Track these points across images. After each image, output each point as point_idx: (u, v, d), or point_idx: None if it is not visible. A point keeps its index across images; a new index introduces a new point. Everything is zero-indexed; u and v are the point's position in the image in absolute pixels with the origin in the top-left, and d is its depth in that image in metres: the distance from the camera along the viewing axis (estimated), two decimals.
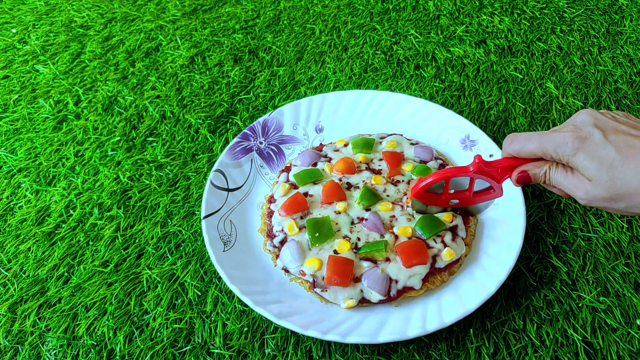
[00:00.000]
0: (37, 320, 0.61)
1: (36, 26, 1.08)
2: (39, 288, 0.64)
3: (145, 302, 0.62)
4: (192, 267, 0.65)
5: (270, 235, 0.64)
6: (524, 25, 1.01)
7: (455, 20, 1.03)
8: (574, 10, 1.04)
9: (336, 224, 0.62)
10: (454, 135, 0.75)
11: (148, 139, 0.82)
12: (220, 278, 0.64)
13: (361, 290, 0.58)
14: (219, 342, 0.58)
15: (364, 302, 0.58)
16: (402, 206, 0.64)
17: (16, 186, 0.76)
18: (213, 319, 0.60)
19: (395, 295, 0.57)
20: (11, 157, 0.80)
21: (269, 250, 0.63)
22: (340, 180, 0.68)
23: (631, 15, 1.02)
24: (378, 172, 0.69)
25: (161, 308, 0.61)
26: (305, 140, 0.78)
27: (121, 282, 0.64)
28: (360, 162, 0.70)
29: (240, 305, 0.61)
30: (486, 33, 1.00)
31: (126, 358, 0.57)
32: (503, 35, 0.99)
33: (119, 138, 0.82)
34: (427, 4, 1.08)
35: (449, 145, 0.75)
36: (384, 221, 0.62)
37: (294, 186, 0.68)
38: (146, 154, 0.80)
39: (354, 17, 1.06)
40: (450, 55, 0.95)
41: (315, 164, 0.70)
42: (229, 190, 0.70)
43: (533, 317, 0.59)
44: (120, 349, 0.58)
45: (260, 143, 0.76)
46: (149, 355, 0.57)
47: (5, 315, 0.62)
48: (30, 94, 0.91)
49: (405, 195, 0.66)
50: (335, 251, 0.60)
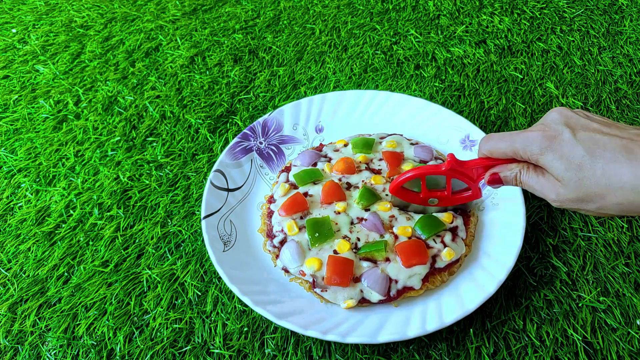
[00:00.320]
0: (37, 320, 0.61)
1: (36, 26, 1.08)
2: (39, 288, 0.64)
3: (145, 302, 0.62)
4: (192, 267, 0.65)
5: (270, 235, 0.64)
6: (524, 25, 1.01)
7: (455, 20, 1.03)
8: (574, 10, 1.04)
9: (336, 224, 0.62)
10: (454, 135, 0.75)
11: (148, 139, 0.82)
12: (220, 278, 0.64)
13: (361, 290, 0.58)
14: (219, 342, 0.58)
15: (363, 302, 0.58)
16: None
17: (16, 186, 0.76)
18: (213, 319, 0.60)
19: (395, 295, 0.57)
20: (11, 157, 0.80)
21: (269, 251, 0.63)
22: (340, 180, 0.68)
23: (631, 15, 1.02)
24: (378, 172, 0.69)
25: (161, 308, 0.61)
26: (305, 140, 0.78)
27: (121, 282, 0.64)
28: (360, 162, 0.70)
29: (240, 305, 0.61)
30: (486, 33, 1.00)
31: (126, 358, 0.57)
32: (503, 35, 0.99)
33: (119, 138, 0.82)
34: (427, 4, 1.08)
35: (449, 145, 0.75)
36: (383, 221, 0.62)
37: (293, 186, 0.68)
38: (146, 154, 0.80)
39: (354, 17, 1.06)
40: (450, 55, 0.95)
41: (315, 164, 0.70)
42: (229, 190, 0.70)
43: (533, 317, 0.59)
44: (120, 349, 0.58)
45: (260, 143, 0.76)
46: (149, 355, 0.57)
47: (5, 315, 0.62)
48: (30, 94, 0.91)
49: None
50: (335, 251, 0.60)
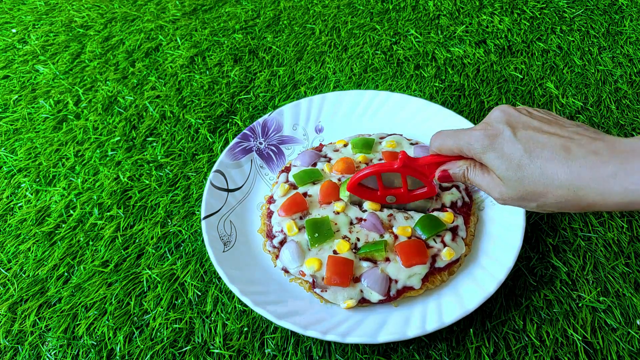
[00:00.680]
0: (37, 320, 0.61)
1: (36, 26, 1.08)
2: (39, 288, 0.64)
3: (145, 302, 0.62)
4: (192, 267, 0.65)
5: (270, 235, 0.64)
6: (524, 25, 1.01)
7: (455, 20, 1.03)
8: (574, 10, 1.04)
9: (335, 224, 0.62)
10: None
11: (148, 139, 0.82)
12: (220, 278, 0.64)
13: (361, 291, 0.58)
14: (219, 342, 0.58)
15: (363, 302, 0.58)
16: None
17: (16, 186, 0.76)
18: (213, 319, 0.60)
19: (395, 295, 0.57)
20: (11, 157, 0.81)
21: (269, 251, 0.63)
22: (339, 180, 0.68)
23: (631, 15, 1.02)
24: None
25: (161, 308, 0.61)
26: (305, 140, 0.78)
27: (121, 282, 0.64)
28: (360, 162, 0.70)
29: (240, 305, 0.61)
30: (486, 33, 1.00)
31: (126, 358, 0.57)
32: (503, 35, 0.99)
33: (119, 138, 0.82)
34: (427, 4, 1.08)
35: None
36: (382, 221, 0.62)
37: (293, 186, 0.68)
38: (146, 154, 0.80)
39: (354, 17, 1.06)
40: (450, 55, 0.95)
41: (315, 164, 0.70)
42: (228, 190, 0.70)
43: (533, 317, 0.59)
44: (120, 349, 0.58)
45: (260, 143, 0.76)
46: (149, 355, 0.57)
47: (5, 315, 0.62)
48: (30, 94, 0.91)
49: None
50: (334, 251, 0.60)
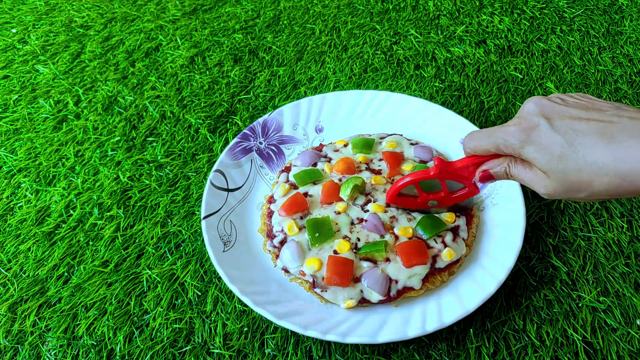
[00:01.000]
0: (37, 320, 0.61)
1: (36, 26, 1.08)
2: (39, 288, 0.64)
3: (145, 302, 0.62)
4: (192, 267, 0.65)
5: (270, 235, 0.64)
6: (524, 25, 1.01)
7: (455, 20, 1.03)
8: (574, 10, 1.04)
9: (336, 224, 0.62)
10: (454, 135, 0.75)
11: (148, 139, 0.82)
12: (220, 278, 0.64)
13: (361, 291, 0.58)
14: (219, 342, 0.58)
15: (363, 302, 0.58)
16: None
17: (16, 186, 0.76)
18: (213, 319, 0.60)
19: (395, 295, 0.57)
20: (11, 157, 0.80)
21: (269, 251, 0.63)
22: (340, 180, 0.68)
23: (631, 15, 1.02)
24: (378, 173, 0.69)
25: (161, 308, 0.61)
26: (305, 140, 0.78)
27: (121, 282, 0.64)
28: (360, 163, 0.70)
29: (240, 305, 0.61)
30: (486, 33, 1.00)
31: (126, 358, 0.57)
32: (503, 35, 0.99)
33: (119, 138, 0.82)
34: (427, 4, 1.08)
35: (449, 145, 0.75)
36: (384, 222, 0.62)
37: (293, 186, 0.68)
38: (146, 154, 0.80)
39: (354, 17, 1.06)
40: (450, 55, 0.95)
41: (315, 164, 0.70)
42: (228, 190, 0.70)
43: (533, 317, 0.59)
44: (120, 349, 0.58)
45: (260, 143, 0.76)
46: (149, 355, 0.57)
47: (5, 315, 0.62)
48: (30, 94, 0.91)
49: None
50: (335, 251, 0.60)
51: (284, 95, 0.89)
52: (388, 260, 0.59)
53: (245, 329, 0.59)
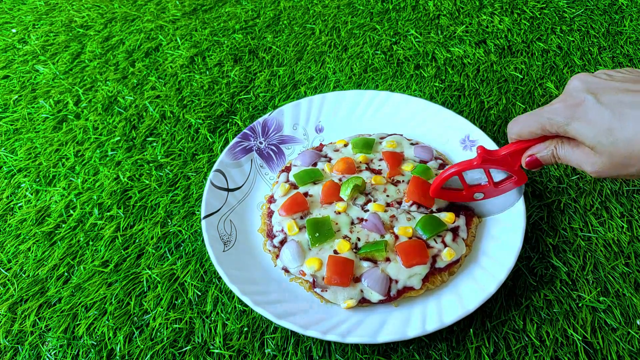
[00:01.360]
0: (37, 320, 0.61)
1: (36, 26, 1.08)
2: (39, 288, 0.64)
3: (145, 302, 0.62)
4: (192, 267, 0.65)
5: (270, 235, 0.64)
6: (524, 25, 1.01)
7: (455, 20, 1.03)
8: (574, 10, 1.04)
9: (336, 224, 0.62)
10: (454, 135, 0.75)
11: (148, 139, 0.82)
12: (220, 278, 0.64)
13: (361, 290, 0.58)
14: (219, 342, 0.58)
15: (364, 302, 0.58)
16: (400, 202, 0.65)
17: (16, 186, 0.76)
18: (213, 319, 0.60)
19: (395, 295, 0.57)
20: (11, 157, 0.80)
21: (269, 250, 0.63)
22: (340, 180, 0.68)
23: (631, 15, 1.02)
24: (378, 172, 0.69)
25: (161, 308, 0.61)
26: (305, 140, 0.78)
27: (121, 282, 0.64)
28: (360, 162, 0.70)
29: (240, 305, 0.61)
30: (486, 33, 1.00)
31: (126, 358, 0.57)
32: (503, 35, 0.99)
33: (119, 138, 0.82)
34: (427, 4, 1.08)
35: (449, 145, 0.75)
36: (384, 222, 0.62)
37: (294, 186, 0.68)
38: (146, 154, 0.80)
39: (354, 17, 1.06)
40: (450, 55, 0.95)
41: (315, 164, 0.70)
42: (229, 190, 0.70)
43: (533, 317, 0.59)
44: (120, 349, 0.58)
45: (260, 143, 0.76)
46: (149, 355, 0.57)
47: (5, 315, 0.62)
48: (30, 94, 0.91)
49: (405, 195, 0.66)
50: (335, 251, 0.60)
51: (284, 95, 0.89)
52: (388, 260, 0.59)
53: (245, 329, 0.59)
